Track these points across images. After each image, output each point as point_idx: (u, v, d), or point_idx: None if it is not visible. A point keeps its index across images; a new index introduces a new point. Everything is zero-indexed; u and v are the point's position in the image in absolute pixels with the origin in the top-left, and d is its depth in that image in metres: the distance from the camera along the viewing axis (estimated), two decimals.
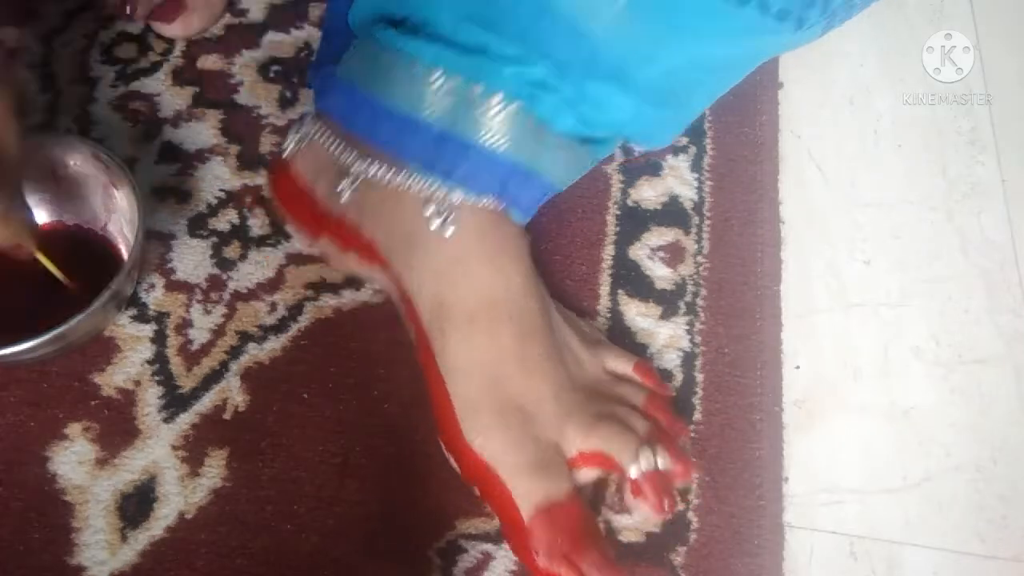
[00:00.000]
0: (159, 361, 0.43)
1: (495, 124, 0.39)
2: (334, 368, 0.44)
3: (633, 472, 0.39)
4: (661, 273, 0.48)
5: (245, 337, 0.44)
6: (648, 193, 0.50)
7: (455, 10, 0.38)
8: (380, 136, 0.40)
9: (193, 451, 0.41)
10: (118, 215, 0.44)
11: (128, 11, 0.51)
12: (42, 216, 0.45)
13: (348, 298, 0.46)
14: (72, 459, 0.40)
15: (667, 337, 0.46)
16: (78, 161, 0.43)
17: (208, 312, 0.45)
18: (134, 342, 0.44)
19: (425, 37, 0.39)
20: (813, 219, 0.51)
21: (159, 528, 0.39)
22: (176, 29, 0.53)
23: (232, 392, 0.43)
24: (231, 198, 0.48)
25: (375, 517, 0.40)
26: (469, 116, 0.39)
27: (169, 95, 0.52)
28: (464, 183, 0.39)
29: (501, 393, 0.39)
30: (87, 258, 0.44)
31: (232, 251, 0.47)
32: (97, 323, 0.42)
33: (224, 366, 0.43)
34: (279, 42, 0.54)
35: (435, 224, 0.40)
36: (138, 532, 0.39)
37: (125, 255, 0.44)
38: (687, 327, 0.46)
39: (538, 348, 0.40)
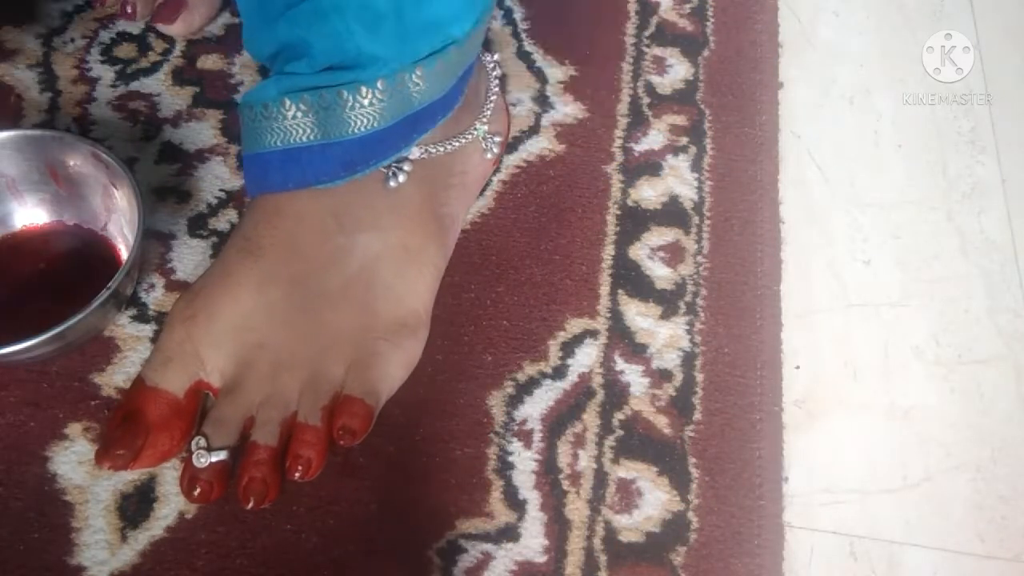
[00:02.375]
0: None
1: (367, 110, 0.40)
2: None
3: (194, 458, 0.38)
4: (661, 273, 0.48)
5: None
6: (648, 193, 0.50)
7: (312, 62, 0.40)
8: (289, 181, 0.41)
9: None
10: (118, 215, 0.44)
11: (128, 11, 0.51)
12: (42, 216, 0.45)
13: None
14: (72, 459, 0.40)
15: (667, 337, 0.46)
16: (78, 161, 0.43)
17: None
18: (134, 342, 0.44)
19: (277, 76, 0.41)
20: (813, 219, 0.51)
21: (159, 528, 0.39)
22: (178, 28, 0.53)
23: None
24: (231, 198, 0.48)
25: (375, 517, 0.40)
26: (337, 118, 0.40)
27: (169, 95, 0.52)
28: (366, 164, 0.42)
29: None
30: (87, 258, 0.44)
31: None
32: (97, 323, 0.42)
33: None
34: None
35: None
36: (138, 532, 0.39)
37: (125, 255, 0.44)
38: (687, 327, 0.46)
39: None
